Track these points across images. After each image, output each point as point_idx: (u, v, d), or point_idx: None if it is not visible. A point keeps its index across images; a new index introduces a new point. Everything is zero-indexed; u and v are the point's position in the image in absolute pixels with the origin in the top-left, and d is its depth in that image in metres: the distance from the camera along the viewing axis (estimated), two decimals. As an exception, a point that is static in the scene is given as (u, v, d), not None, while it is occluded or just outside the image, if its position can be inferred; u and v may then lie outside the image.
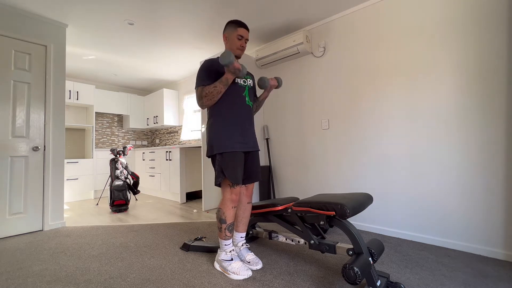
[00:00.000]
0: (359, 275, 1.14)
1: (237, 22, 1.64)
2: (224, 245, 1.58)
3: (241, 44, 1.63)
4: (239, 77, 1.53)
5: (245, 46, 1.66)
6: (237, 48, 1.64)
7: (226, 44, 1.68)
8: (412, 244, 1.99)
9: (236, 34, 1.62)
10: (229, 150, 1.54)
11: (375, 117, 2.32)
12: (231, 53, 1.39)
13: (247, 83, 1.71)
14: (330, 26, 2.67)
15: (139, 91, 5.67)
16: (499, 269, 1.56)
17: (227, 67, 1.44)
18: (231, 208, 1.55)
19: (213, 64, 1.61)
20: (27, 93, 2.47)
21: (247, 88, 1.69)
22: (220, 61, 1.39)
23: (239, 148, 1.57)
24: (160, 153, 4.24)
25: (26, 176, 2.43)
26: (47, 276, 1.53)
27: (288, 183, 3.02)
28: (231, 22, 1.66)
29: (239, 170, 1.55)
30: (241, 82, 1.67)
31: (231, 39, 1.64)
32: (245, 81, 1.70)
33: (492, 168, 1.76)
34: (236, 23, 1.64)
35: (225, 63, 1.40)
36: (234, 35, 1.63)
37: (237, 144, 1.57)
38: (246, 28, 1.65)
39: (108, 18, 2.64)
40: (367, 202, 1.51)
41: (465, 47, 1.87)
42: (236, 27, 1.63)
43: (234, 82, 1.62)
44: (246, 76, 1.73)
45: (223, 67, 1.56)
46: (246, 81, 1.70)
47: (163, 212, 3.23)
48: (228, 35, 1.65)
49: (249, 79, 1.74)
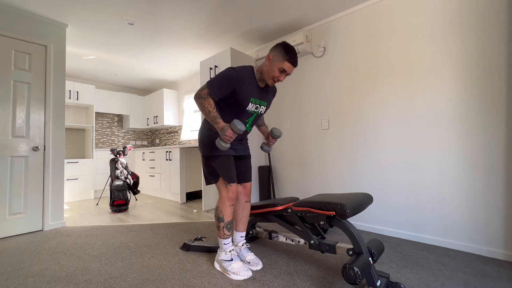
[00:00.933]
0: (359, 275, 1.14)
1: (289, 53, 1.45)
2: (223, 244, 1.58)
3: (279, 77, 1.50)
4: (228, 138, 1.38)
5: (282, 80, 1.54)
6: (272, 78, 1.50)
7: (266, 64, 1.51)
8: (412, 244, 1.99)
9: (281, 66, 1.46)
10: (222, 154, 1.57)
11: (375, 117, 2.32)
12: (243, 126, 1.32)
13: (258, 110, 1.62)
14: (330, 26, 2.67)
15: (139, 91, 5.67)
16: (499, 269, 1.56)
17: (232, 130, 1.34)
18: (228, 206, 1.56)
19: (235, 79, 1.46)
20: (27, 93, 2.47)
21: (254, 115, 1.63)
22: (232, 126, 1.32)
23: (232, 152, 1.63)
24: (160, 153, 4.24)
25: (26, 176, 2.43)
26: (47, 276, 1.53)
27: (288, 183, 3.02)
28: (284, 49, 1.46)
29: (232, 169, 1.58)
30: (252, 108, 1.57)
31: (272, 66, 1.48)
32: (258, 107, 1.60)
33: (492, 167, 1.76)
34: (289, 54, 1.45)
35: (234, 130, 1.33)
36: (278, 64, 1.46)
37: (230, 150, 1.61)
38: (295, 65, 1.49)
39: (108, 18, 2.64)
40: (367, 202, 1.50)
41: (465, 47, 1.87)
42: (285, 59, 1.45)
43: (245, 109, 1.54)
44: (262, 101, 1.62)
45: (242, 86, 1.47)
46: (259, 107, 1.61)
47: (163, 212, 3.23)
48: (273, 59, 1.48)
49: (263, 106, 1.63)
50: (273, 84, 1.56)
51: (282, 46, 1.48)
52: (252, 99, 1.54)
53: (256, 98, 1.57)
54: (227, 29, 2.91)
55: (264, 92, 1.62)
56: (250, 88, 1.52)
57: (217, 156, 1.57)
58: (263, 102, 1.63)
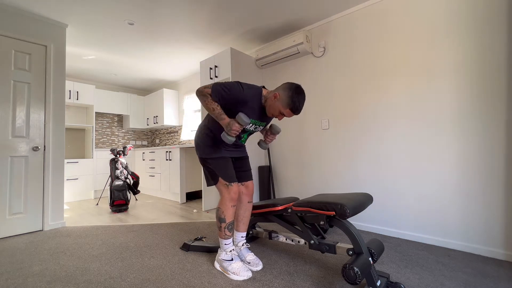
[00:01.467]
0: (359, 275, 1.14)
1: (296, 102, 1.41)
2: (224, 244, 1.58)
3: (279, 118, 1.50)
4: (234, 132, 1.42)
5: (280, 120, 1.53)
6: (272, 115, 1.52)
7: (271, 99, 1.47)
8: (412, 244, 1.99)
9: (283, 109, 1.44)
10: (220, 156, 1.59)
11: (375, 117, 2.32)
12: (248, 119, 1.36)
13: (256, 129, 1.64)
14: (330, 26, 2.67)
15: (139, 91, 5.67)
16: (499, 269, 1.56)
17: (239, 123, 1.38)
18: (230, 207, 1.56)
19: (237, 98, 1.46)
20: (27, 93, 2.47)
21: (249, 131, 1.64)
22: (238, 119, 1.36)
23: (229, 155, 1.64)
24: (160, 153, 4.24)
25: (26, 176, 2.43)
26: (47, 276, 1.53)
27: (288, 183, 3.02)
28: (292, 95, 1.41)
29: (230, 169, 1.59)
30: (250, 128, 1.58)
31: (276, 104, 1.45)
32: (256, 127, 1.61)
33: (492, 167, 1.75)
34: (294, 103, 1.41)
35: (240, 123, 1.37)
36: (281, 107, 1.44)
37: (226, 152, 1.63)
38: (296, 114, 1.47)
39: (108, 18, 2.64)
40: (367, 202, 1.51)
41: (466, 47, 1.87)
42: (288, 107, 1.42)
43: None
44: (262, 122, 1.62)
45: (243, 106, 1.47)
46: (258, 127, 1.62)
47: (163, 212, 3.23)
48: (279, 99, 1.44)
49: (261, 126, 1.64)
50: (272, 117, 1.57)
51: (292, 91, 1.42)
52: (251, 120, 1.53)
53: (256, 119, 1.56)
54: (227, 29, 2.91)
55: (265, 114, 1.59)
56: (251, 110, 1.50)
57: (214, 158, 1.58)
58: (262, 123, 1.63)
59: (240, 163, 1.73)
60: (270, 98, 1.49)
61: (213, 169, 1.58)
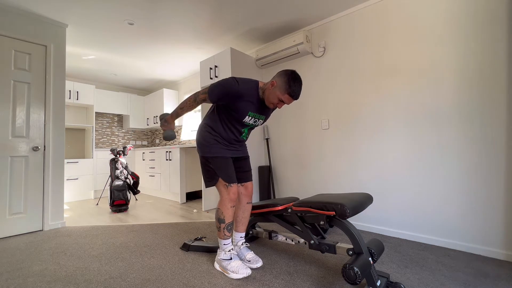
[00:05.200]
0: (359, 275, 1.14)
1: (293, 86, 1.42)
2: (223, 244, 1.58)
3: (278, 105, 1.49)
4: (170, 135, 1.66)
5: (280, 108, 1.53)
6: (271, 103, 1.50)
7: (269, 87, 1.47)
8: (412, 244, 1.99)
9: (281, 96, 1.44)
10: (220, 155, 1.58)
11: (375, 117, 2.32)
12: (174, 135, 1.65)
13: (256, 123, 1.63)
14: (330, 26, 2.67)
15: (139, 91, 5.67)
16: (499, 269, 1.56)
17: (164, 134, 1.64)
18: (229, 207, 1.56)
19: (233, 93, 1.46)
20: (27, 93, 2.47)
21: (250, 126, 1.64)
22: (166, 133, 1.62)
23: (230, 154, 1.63)
24: (160, 153, 4.24)
25: (26, 176, 2.43)
26: (47, 276, 1.53)
27: (288, 183, 3.02)
28: (289, 80, 1.42)
29: (230, 169, 1.59)
30: (250, 121, 1.58)
31: (274, 93, 1.46)
32: (256, 120, 1.60)
33: (492, 167, 1.76)
34: (292, 87, 1.41)
35: (165, 135, 1.63)
36: (279, 94, 1.44)
37: (228, 152, 1.62)
38: (295, 98, 1.47)
39: (108, 18, 2.64)
40: (367, 202, 1.50)
41: (466, 47, 1.87)
42: (286, 92, 1.42)
43: (242, 120, 1.56)
44: (261, 116, 1.62)
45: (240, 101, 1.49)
46: (257, 120, 1.61)
47: (163, 212, 3.23)
48: (276, 86, 1.45)
49: (261, 119, 1.63)
50: (272, 107, 1.56)
51: (288, 76, 1.43)
52: (250, 113, 1.54)
53: (255, 113, 1.57)
54: (227, 29, 2.91)
55: (264, 107, 1.60)
56: (249, 104, 1.51)
57: (215, 157, 1.57)
58: (261, 116, 1.63)
59: (241, 163, 1.73)
60: (267, 87, 1.50)
61: (214, 168, 1.58)
